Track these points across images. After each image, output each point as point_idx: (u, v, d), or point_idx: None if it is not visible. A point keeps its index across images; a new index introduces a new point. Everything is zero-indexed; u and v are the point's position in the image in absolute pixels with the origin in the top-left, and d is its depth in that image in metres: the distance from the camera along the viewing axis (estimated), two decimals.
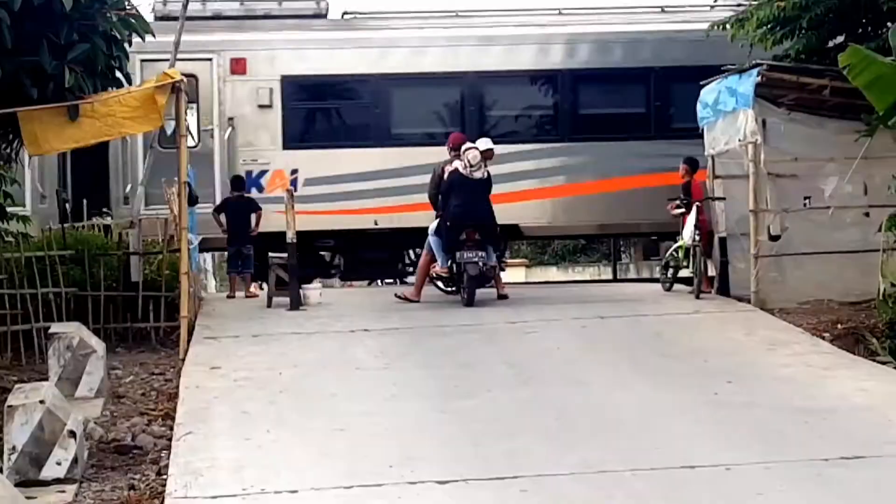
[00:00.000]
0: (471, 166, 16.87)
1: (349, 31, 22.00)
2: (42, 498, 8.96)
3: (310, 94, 21.58)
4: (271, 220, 18.68)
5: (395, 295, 17.52)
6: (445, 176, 17.07)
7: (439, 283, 17.85)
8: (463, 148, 17.21)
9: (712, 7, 21.43)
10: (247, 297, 18.61)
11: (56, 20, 12.58)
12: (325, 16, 22.04)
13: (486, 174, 17.21)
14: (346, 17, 22.28)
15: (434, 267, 17.29)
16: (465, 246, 16.54)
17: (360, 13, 22.25)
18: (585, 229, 23.43)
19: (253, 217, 18.62)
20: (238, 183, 18.90)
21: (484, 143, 18.07)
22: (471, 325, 14.89)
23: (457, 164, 17.06)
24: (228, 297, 18.83)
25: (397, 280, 22.31)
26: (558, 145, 21.48)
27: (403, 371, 12.43)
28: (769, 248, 15.88)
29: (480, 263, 16.54)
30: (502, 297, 17.25)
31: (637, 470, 8.85)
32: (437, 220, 17.19)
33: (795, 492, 8.41)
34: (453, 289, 17.39)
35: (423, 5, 30.11)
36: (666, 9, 22.36)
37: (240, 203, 18.71)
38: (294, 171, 20.68)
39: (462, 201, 16.73)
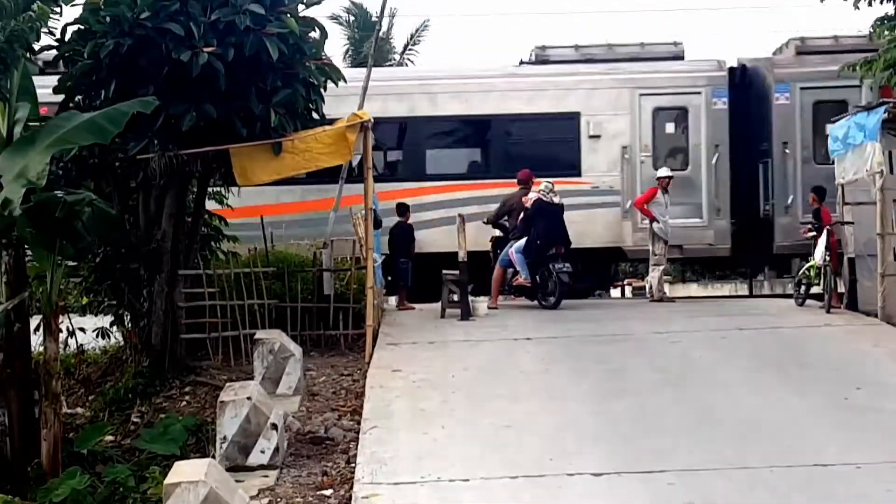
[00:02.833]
0: (547, 194, 17.58)
1: None
2: (248, 481, 9.16)
3: None
4: None
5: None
6: (529, 205, 17.57)
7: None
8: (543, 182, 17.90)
9: None
10: (398, 308, 18.52)
11: (263, 69, 12.87)
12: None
13: (560, 200, 17.81)
14: None
15: (517, 279, 17.70)
16: (556, 259, 17.24)
17: None
18: None
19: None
20: (402, 209, 18.93)
21: (664, 171, 19.05)
22: (621, 335, 14.73)
23: (533, 195, 17.71)
24: (398, 308, 18.75)
25: None
26: None
27: (562, 375, 12.34)
28: (895, 268, 15.39)
29: (570, 272, 17.23)
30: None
31: (774, 467, 8.72)
32: (519, 241, 17.51)
33: None
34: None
35: None
36: None
37: (402, 227, 18.76)
38: None
39: (549, 223, 17.38)
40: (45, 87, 12.88)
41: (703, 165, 20.60)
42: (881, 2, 17.16)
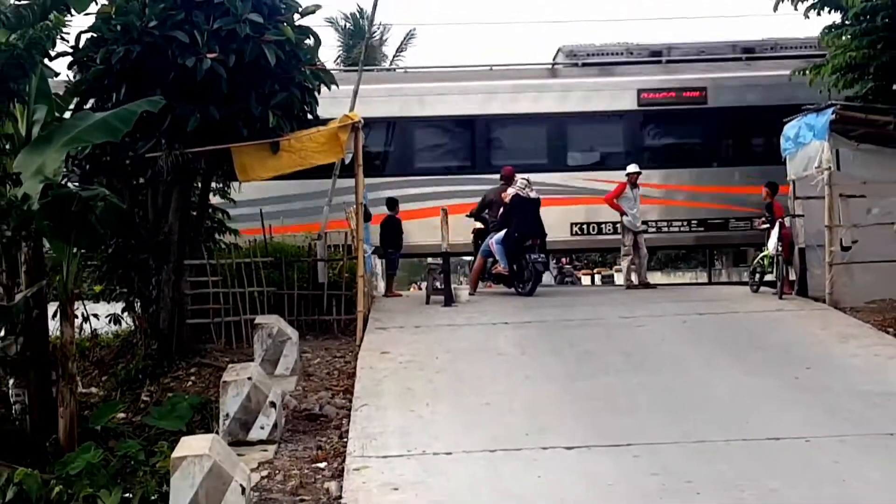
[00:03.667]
0: (523, 189, 17.43)
1: None
2: (249, 455, 9.16)
3: None
4: None
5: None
6: (508, 199, 17.48)
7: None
8: (518, 178, 17.82)
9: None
10: (385, 295, 18.47)
11: (262, 74, 12.88)
12: None
13: (537, 195, 17.65)
14: None
15: (496, 268, 17.73)
16: (532, 250, 17.18)
17: None
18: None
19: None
20: (392, 203, 18.91)
21: (632, 168, 18.82)
22: (591, 319, 14.73)
23: (511, 190, 17.56)
24: (386, 295, 18.73)
25: None
26: None
27: (537, 357, 12.35)
28: (841, 257, 15.48)
29: (545, 262, 17.42)
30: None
31: (731, 441, 8.78)
32: (498, 232, 17.45)
33: (866, 461, 8.25)
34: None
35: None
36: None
37: (391, 220, 18.71)
38: None
39: (526, 217, 17.28)
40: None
41: None
42: (829, 11, 17.23)
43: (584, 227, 20.55)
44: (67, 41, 12.74)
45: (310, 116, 14.13)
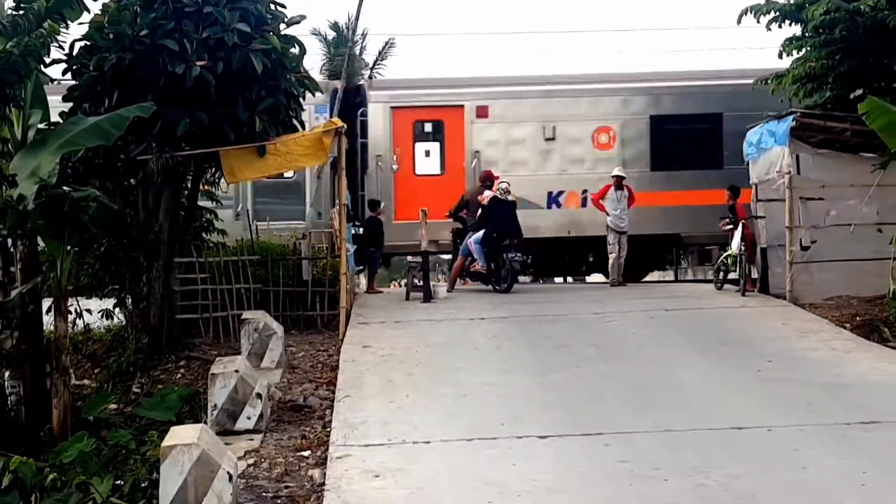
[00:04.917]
0: (502, 193, 17.49)
1: None
2: (236, 444, 9.15)
3: None
4: None
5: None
6: (486, 201, 17.52)
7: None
8: (498, 181, 17.93)
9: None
10: (367, 292, 18.45)
11: (249, 81, 12.83)
12: None
13: (513, 198, 17.76)
14: None
15: (475, 266, 17.72)
16: (509, 249, 17.24)
17: None
18: None
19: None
20: (374, 205, 18.85)
21: (617, 171, 18.94)
22: (564, 314, 14.78)
23: (488, 193, 17.64)
24: (367, 292, 18.69)
25: None
26: None
27: (512, 351, 12.38)
28: (801, 256, 15.62)
29: (521, 260, 17.38)
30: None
31: (697, 430, 8.81)
32: (477, 232, 17.48)
33: (824, 449, 8.30)
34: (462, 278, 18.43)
35: None
36: None
37: (373, 220, 18.67)
38: None
39: (503, 218, 17.36)
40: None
41: None
42: (790, 24, 17.31)
43: None
44: (63, 49, 12.69)
45: (295, 122, 14.08)
